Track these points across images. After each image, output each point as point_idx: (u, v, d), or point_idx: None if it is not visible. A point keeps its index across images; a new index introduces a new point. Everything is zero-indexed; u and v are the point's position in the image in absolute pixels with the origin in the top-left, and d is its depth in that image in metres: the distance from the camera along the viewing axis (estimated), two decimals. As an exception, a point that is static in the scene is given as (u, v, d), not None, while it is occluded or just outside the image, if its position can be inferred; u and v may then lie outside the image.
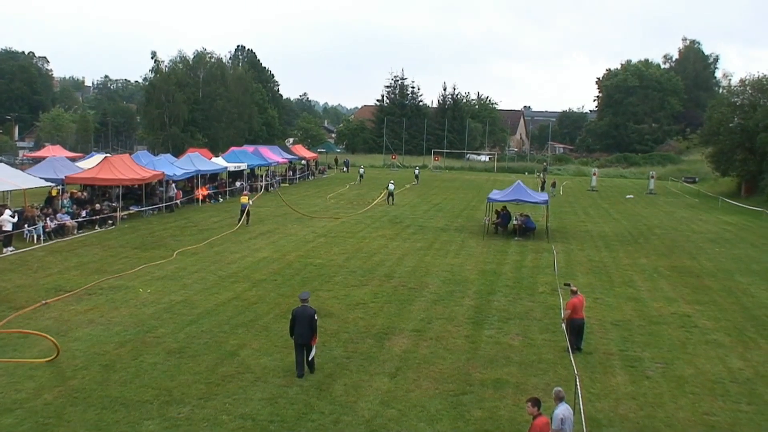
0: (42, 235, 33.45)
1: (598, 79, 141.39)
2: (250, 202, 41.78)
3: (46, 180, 38.85)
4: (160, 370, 16.75)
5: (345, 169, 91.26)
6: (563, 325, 20.03)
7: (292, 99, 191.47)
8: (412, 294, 25.10)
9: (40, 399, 14.90)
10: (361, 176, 76.63)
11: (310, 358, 16.88)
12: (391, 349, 18.95)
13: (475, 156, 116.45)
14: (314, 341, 16.94)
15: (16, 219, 32.18)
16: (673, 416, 15.14)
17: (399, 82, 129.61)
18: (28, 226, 33.42)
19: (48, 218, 34.95)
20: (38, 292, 23.53)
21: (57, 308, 21.84)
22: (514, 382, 16.72)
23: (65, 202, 39.00)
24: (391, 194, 54.65)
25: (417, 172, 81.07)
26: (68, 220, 35.88)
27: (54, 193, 39.97)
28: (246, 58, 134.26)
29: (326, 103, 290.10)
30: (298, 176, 75.07)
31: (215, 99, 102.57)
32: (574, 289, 19.92)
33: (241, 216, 40.48)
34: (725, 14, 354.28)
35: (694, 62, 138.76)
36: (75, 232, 35.62)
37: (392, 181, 57.92)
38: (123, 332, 19.62)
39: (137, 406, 14.70)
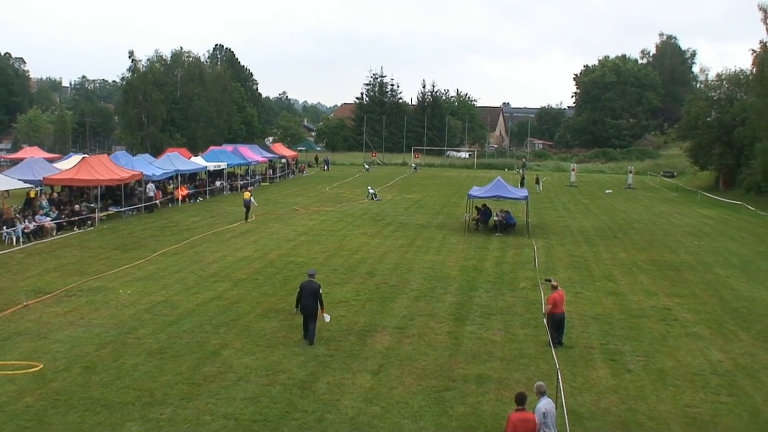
0: (21, 237, 33.16)
1: (576, 75, 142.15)
2: (252, 198, 42.75)
3: (24, 181, 38.45)
4: (142, 371, 16.65)
5: (326, 167, 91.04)
6: (545, 320, 20.13)
7: (271, 98, 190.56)
8: (394, 291, 25.11)
9: (21, 402, 14.77)
10: (367, 169, 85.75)
11: (326, 320, 19.33)
12: (374, 346, 18.95)
13: (455, 153, 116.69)
14: (323, 311, 19.13)
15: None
16: (655, 409, 15.26)
17: (378, 80, 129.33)
18: (7, 228, 33.11)
19: (27, 220, 34.63)
20: (18, 295, 23.29)
21: (37, 310, 21.64)
22: (497, 378, 16.78)
23: (44, 203, 38.65)
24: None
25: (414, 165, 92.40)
26: (47, 222, 35.56)
27: (32, 194, 39.61)
28: (224, 57, 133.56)
29: (305, 101, 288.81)
30: (278, 175, 74.85)
31: (193, 98, 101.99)
32: (555, 284, 20.04)
33: (246, 212, 42.04)
34: (700, 10, 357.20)
35: (671, 57, 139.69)
36: (54, 233, 35.32)
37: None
38: (104, 334, 19.48)
39: (119, 407, 14.60)
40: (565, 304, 19.94)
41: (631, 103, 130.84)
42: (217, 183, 58.83)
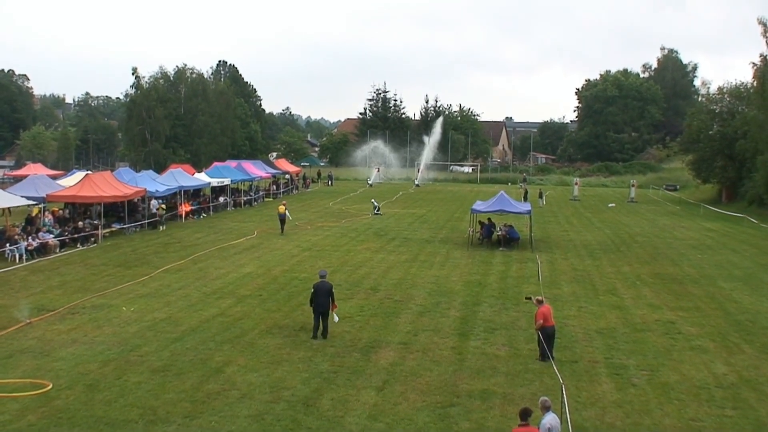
0: (24, 254, 33.17)
1: (578, 89, 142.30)
2: (287, 212, 43.78)
3: (28, 198, 38.45)
4: (145, 389, 16.62)
5: (329, 182, 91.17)
6: (538, 335, 19.79)
7: (274, 113, 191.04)
8: (398, 306, 25.09)
9: (23, 420, 14.74)
10: (370, 185, 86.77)
11: (335, 320, 21.16)
12: (378, 362, 18.92)
13: (458, 167, 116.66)
14: (334, 308, 21.07)
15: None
16: (660, 423, 15.21)
17: (381, 95, 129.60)
18: (10, 246, 33.16)
19: (30, 237, 34.67)
20: (21, 312, 23.27)
21: (40, 328, 21.64)
22: (501, 393, 16.73)
23: (46, 220, 38.69)
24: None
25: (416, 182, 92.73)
26: (50, 239, 35.58)
27: (35, 212, 39.60)
28: (228, 73, 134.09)
29: (309, 116, 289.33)
30: (282, 190, 74.91)
31: (197, 114, 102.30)
32: (540, 298, 20.11)
33: (282, 225, 43.53)
34: (699, 24, 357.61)
35: (673, 71, 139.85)
36: (57, 250, 35.35)
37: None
38: (107, 351, 19.47)
39: (122, 425, 14.57)
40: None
41: (633, 117, 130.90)
42: (221, 199, 58.90)
